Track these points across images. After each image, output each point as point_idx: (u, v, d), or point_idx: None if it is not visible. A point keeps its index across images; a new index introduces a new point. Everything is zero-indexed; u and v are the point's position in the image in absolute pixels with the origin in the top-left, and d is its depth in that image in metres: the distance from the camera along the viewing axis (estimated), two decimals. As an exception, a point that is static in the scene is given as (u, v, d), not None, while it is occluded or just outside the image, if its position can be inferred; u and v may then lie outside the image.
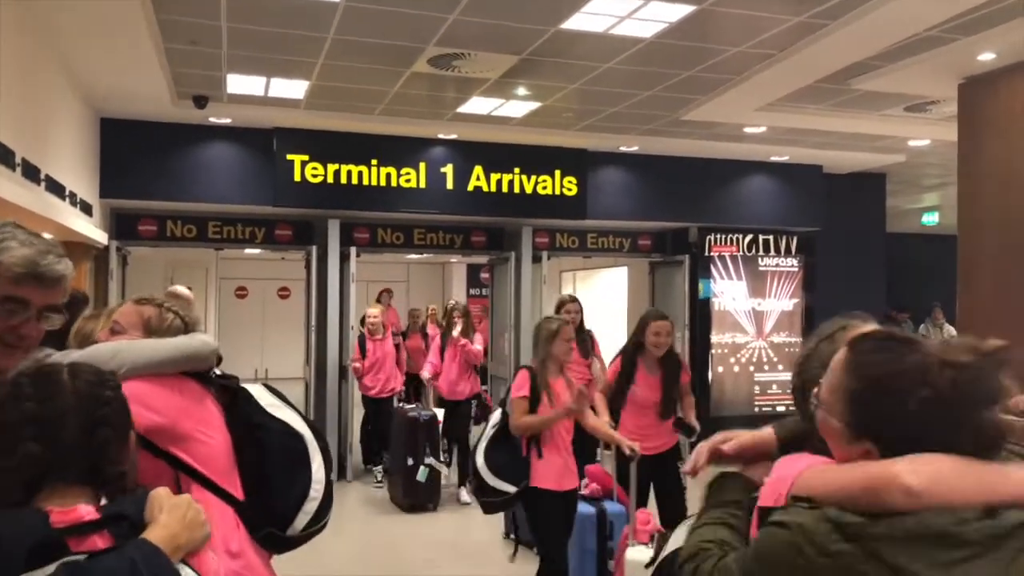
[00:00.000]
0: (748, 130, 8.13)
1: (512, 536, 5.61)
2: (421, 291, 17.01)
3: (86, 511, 1.29)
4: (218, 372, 2.17)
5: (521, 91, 6.84)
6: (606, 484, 5.09)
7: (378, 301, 11.37)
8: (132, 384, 1.94)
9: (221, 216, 8.55)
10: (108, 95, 6.86)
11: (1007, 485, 1.17)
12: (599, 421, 4.57)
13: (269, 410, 2.15)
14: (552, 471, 4.10)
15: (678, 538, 1.66)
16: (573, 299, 6.49)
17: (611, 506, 5.03)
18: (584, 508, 4.63)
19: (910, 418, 1.20)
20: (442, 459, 7.24)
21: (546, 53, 5.81)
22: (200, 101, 6.95)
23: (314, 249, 8.64)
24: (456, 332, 7.42)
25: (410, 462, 7.01)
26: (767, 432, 1.59)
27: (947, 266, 6.55)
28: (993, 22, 5.10)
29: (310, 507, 2.13)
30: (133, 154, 7.64)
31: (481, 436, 4.27)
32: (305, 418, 2.22)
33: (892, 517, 1.14)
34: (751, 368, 9.56)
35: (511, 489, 4.06)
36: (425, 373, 7.78)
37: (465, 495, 7.13)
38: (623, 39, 5.49)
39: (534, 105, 7.26)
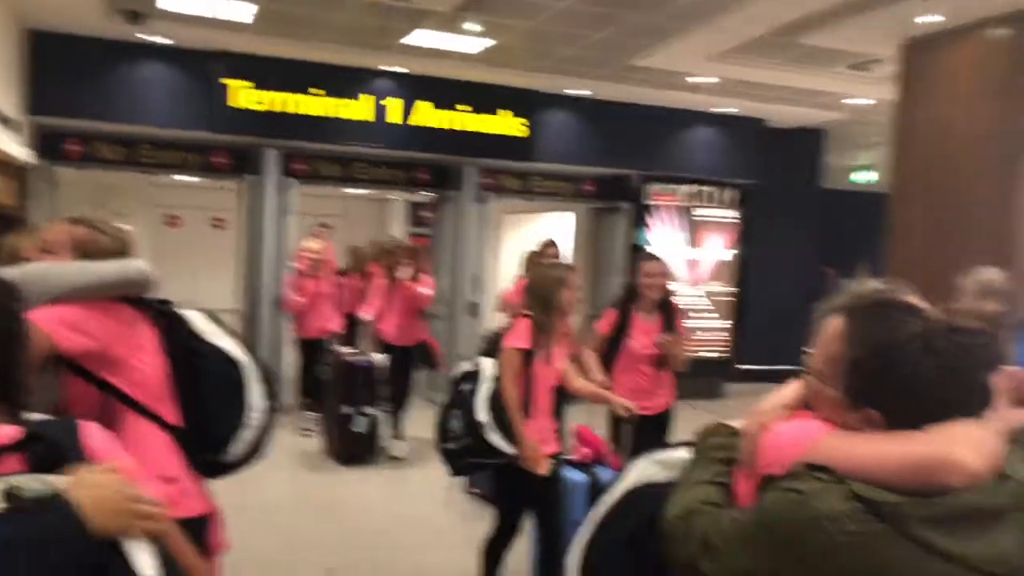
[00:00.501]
0: (698, 80, 8.16)
1: (473, 490, 5.51)
2: (359, 228, 16.72)
3: (4, 432, 1.15)
4: (153, 297, 2.13)
5: (472, 26, 6.71)
6: (598, 448, 4.39)
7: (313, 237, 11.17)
8: (63, 308, 1.88)
9: (153, 140, 8.21)
10: (38, 5, 6.48)
11: (998, 423, 1.22)
12: (587, 383, 4.04)
13: (206, 336, 2.12)
14: (536, 434, 3.65)
15: (635, 475, 1.63)
16: (552, 243, 6.06)
17: (604, 473, 4.48)
18: (575, 475, 4.04)
19: (915, 385, 1.20)
20: (383, 407, 6.73)
21: (500, -12, 5.70)
22: (134, 17, 6.62)
23: (251, 179, 8.41)
24: (403, 275, 6.80)
25: (346, 411, 6.52)
26: (792, 390, 1.44)
27: (878, 224, 6.74)
28: (940, -16, 5.19)
29: (248, 434, 2.12)
30: (62, 69, 7.27)
31: (472, 389, 3.67)
32: (244, 345, 2.20)
33: (925, 498, 1.13)
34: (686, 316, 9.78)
35: (511, 450, 3.55)
36: (366, 315, 7.09)
37: (398, 449, 6.74)
38: (579, -22, 5.42)
39: (485, 42, 7.13)
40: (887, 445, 1.20)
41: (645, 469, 1.64)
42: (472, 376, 3.72)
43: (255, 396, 2.13)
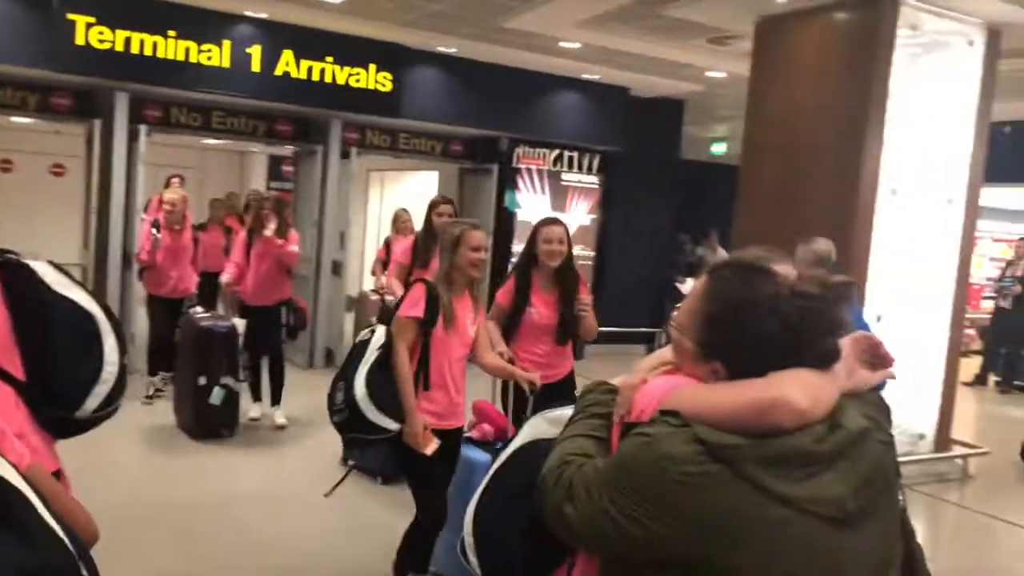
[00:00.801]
0: (564, 45, 8.27)
1: (350, 463, 5.09)
2: (216, 180, 16.01)
3: None
4: None
5: (339, -25, 6.52)
6: (498, 424, 4.04)
7: (166, 188, 10.57)
8: None
9: (-14, 76, 7.55)
10: None
11: (841, 380, 1.31)
12: (495, 357, 3.76)
13: (56, 288, 2.00)
14: (435, 407, 3.46)
15: (527, 431, 1.67)
16: (447, 200, 5.69)
17: None
18: (475, 454, 3.79)
19: (760, 342, 1.27)
20: (242, 377, 6.26)
21: (369, -63, 5.56)
22: (-38, -63, 6.02)
23: (98, 124, 7.86)
24: (269, 231, 6.23)
25: (202, 381, 5.96)
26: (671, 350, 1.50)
27: (729, 194, 7.12)
28: (792, -34, 5.49)
29: (101, 389, 2.03)
30: None
31: (358, 359, 3.46)
32: (97, 298, 2.09)
33: (760, 440, 1.20)
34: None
35: (394, 426, 3.35)
36: (225, 276, 6.47)
37: (280, 418, 6.42)
38: (450, -67, 5.37)
39: (352, -8, 6.95)
40: (730, 390, 1.27)
41: (537, 426, 1.67)
42: (365, 345, 3.49)
43: (109, 350, 2.03)
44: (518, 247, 9.77)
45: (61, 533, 1.08)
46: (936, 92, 6.10)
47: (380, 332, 3.50)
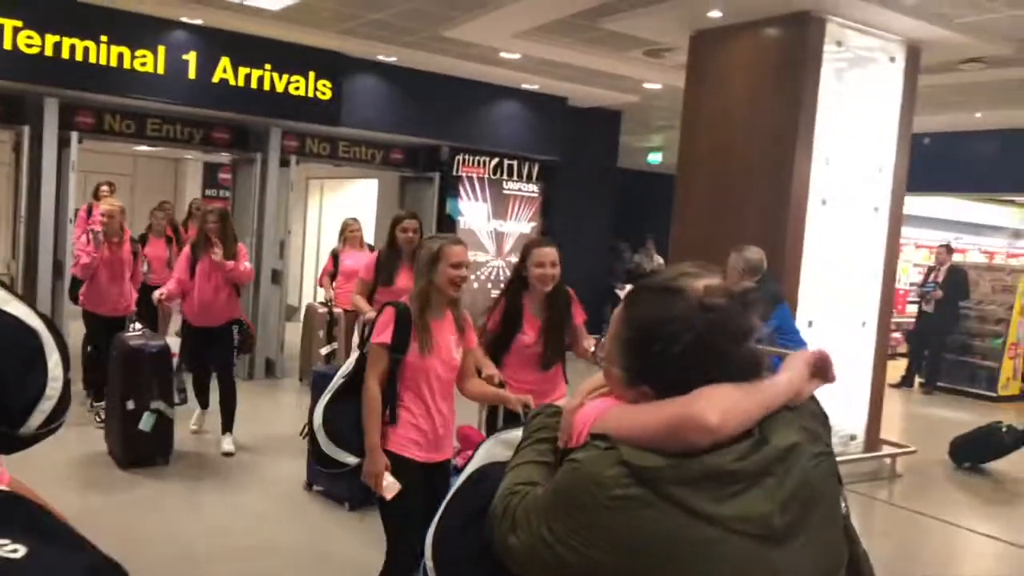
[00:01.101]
0: (503, 55, 8.36)
1: (314, 488, 5.18)
2: (150, 188, 15.66)
3: None
4: None
5: (278, -18, 6.48)
6: None
7: (95, 197, 10.22)
8: None
9: (-95, 79, 7.28)
10: None
11: (777, 391, 1.29)
12: (481, 384, 3.53)
13: None
14: (417, 438, 3.18)
15: (482, 454, 1.65)
16: (412, 215, 5.47)
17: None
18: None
19: (678, 359, 1.27)
20: (177, 399, 5.77)
21: (309, -54, 5.55)
22: None
23: (26, 130, 7.64)
24: (217, 255, 5.76)
25: (130, 406, 5.48)
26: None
27: (665, 203, 7.28)
28: (724, -17, 5.67)
29: (46, 406, 1.99)
30: None
31: (326, 388, 3.30)
32: (39, 313, 2.07)
33: (682, 460, 1.19)
34: (489, 286, 10.06)
35: (351, 461, 3.16)
36: (161, 291, 5.90)
37: (228, 444, 5.96)
38: (391, -56, 5.40)
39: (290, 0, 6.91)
40: (650, 409, 1.27)
41: (491, 449, 1.66)
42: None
43: (53, 366, 2.00)
44: (459, 255, 9.81)
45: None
46: (861, 105, 6.36)
47: (350, 360, 3.31)
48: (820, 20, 6.04)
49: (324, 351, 7.91)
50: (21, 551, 0.96)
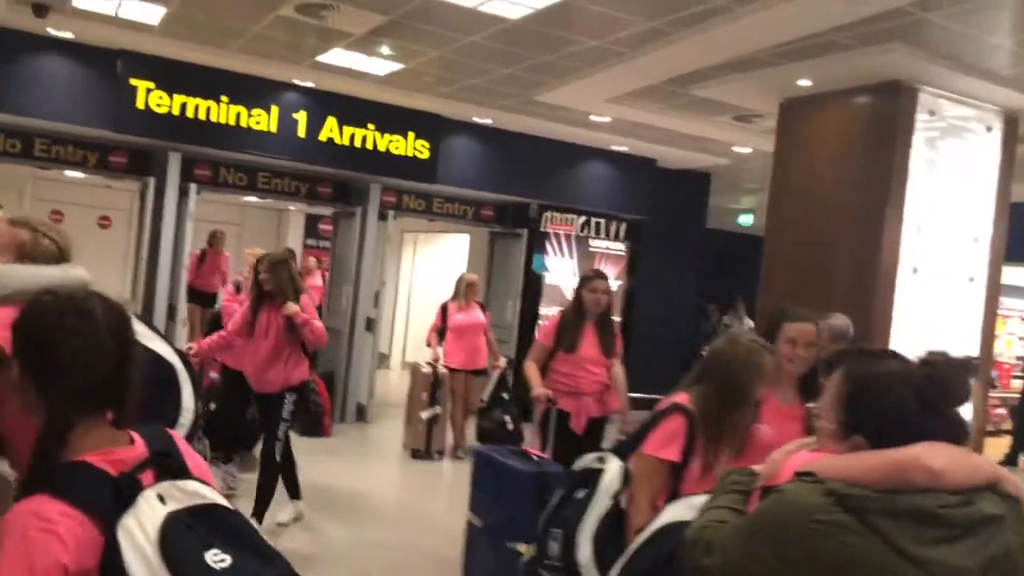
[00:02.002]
0: (594, 118, 8.62)
1: None
2: (255, 237, 16.50)
3: (135, 451, 1.29)
4: None
5: (384, 50, 6.92)
6: None
7: (211, 244, 10.93)
8: (6, 310, 1.96)
9: (50, 134, 8.02)
10: (-68, -12, 6.29)
11: (985, 466, 1.39)
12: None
13: (141, 339, 2.22)
14: None
15: (668, 514, 1.82)
16: (600, 274, 4.97)
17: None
18: (520, 464, 3.64)
19: (895, 411, 1.39)
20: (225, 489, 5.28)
21: (414, 18, 5.94)
22: (40, 10, 6.50)
23: (152, 181, 8.31)
24: (290, 310, 4.90)
25: None
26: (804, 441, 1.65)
27: (755, 264, 7.31)
28: (811, 54, 5.79)
29: (180, 432, 2.26)
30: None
31: (584, 503, 2.65)
32: (176, 348, 2.33)
33: (889, 494, 1.29)
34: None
35: None
36: (194, 346, 5.20)
37: (284, 514, 5.16)
38: (491, 17, 5.73)
39: (395, 66, 7.35)
40: (870, 455, 1.38)
41: (677, 509, 1.83)
42: (593, 478, 2.68)
43: (187, 396, 2.25)
44: (545, 309, 10.00)
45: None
46: (956, 174, 6.29)
47: (613, 471, 2.67)
48: (912, 90, 6.05)
49: (425, 415, 7.51)
50: (227, 560, 1.15)
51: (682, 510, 1.83)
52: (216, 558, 1.17)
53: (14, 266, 2.05)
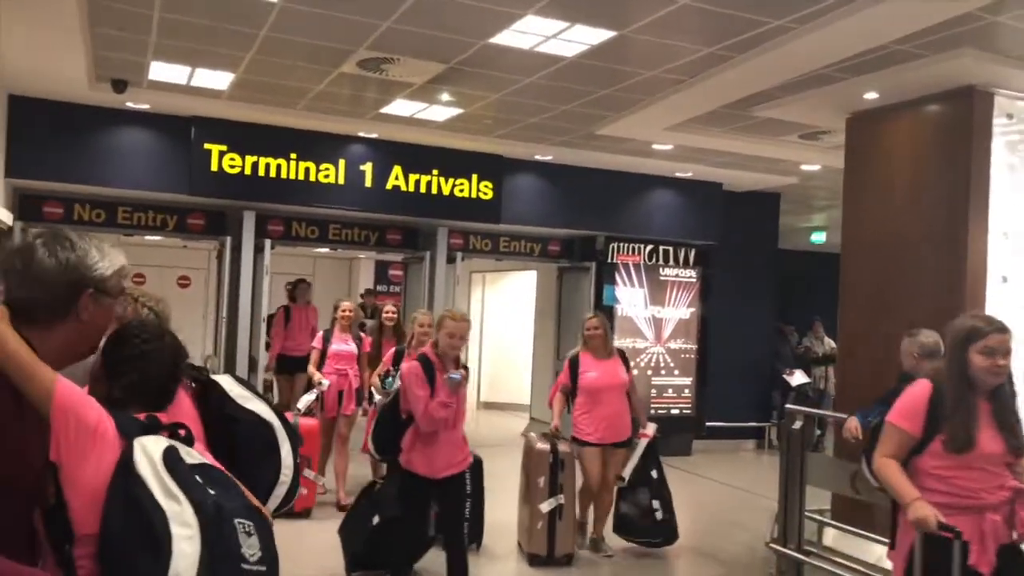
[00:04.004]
0: (656, 147, 8.58)
1: None
2: (327, 286, 16.89)
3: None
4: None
5: (444, 97, 7.05)
6: None
7: (292, 299, 10.55)
8: None
9: (132, 202, 8.41)
10: (20, 72, 6.68)
11: None
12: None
13: (239, 401, 2.28)
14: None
15: None
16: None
17: None
18: None
19: None
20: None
21: (472, 64, 6.05)
22: (119, 85, 6.86)
23: (228, 240, 8.60)
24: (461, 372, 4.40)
25: None
26: None
27: (831, 282, 7.12)
28: (877, 66, 5.66)
29: (280, 490, 2.28)
30: (43, 134, 7.45)
31: None
32: (273, 407, 2.38)
33: None
34: (649, 372, 10.04)
35: None
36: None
37: None
38: (546, 56, 5.79)
39: (456, 111, 7.48)
40: None
41: None
42: None
43: (285, 455, 2.29)
44: (618, 341, 9.87)
45: None
46: (1041, 176, 6.04)
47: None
48: (987, 94, 5.85)
49: (545, 508, 5.54)
50: (209, 488, 1.65)
51: None
52: (200, 480, 1.66)
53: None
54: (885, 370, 5.68)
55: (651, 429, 5.93)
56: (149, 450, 1.65)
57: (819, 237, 13.36)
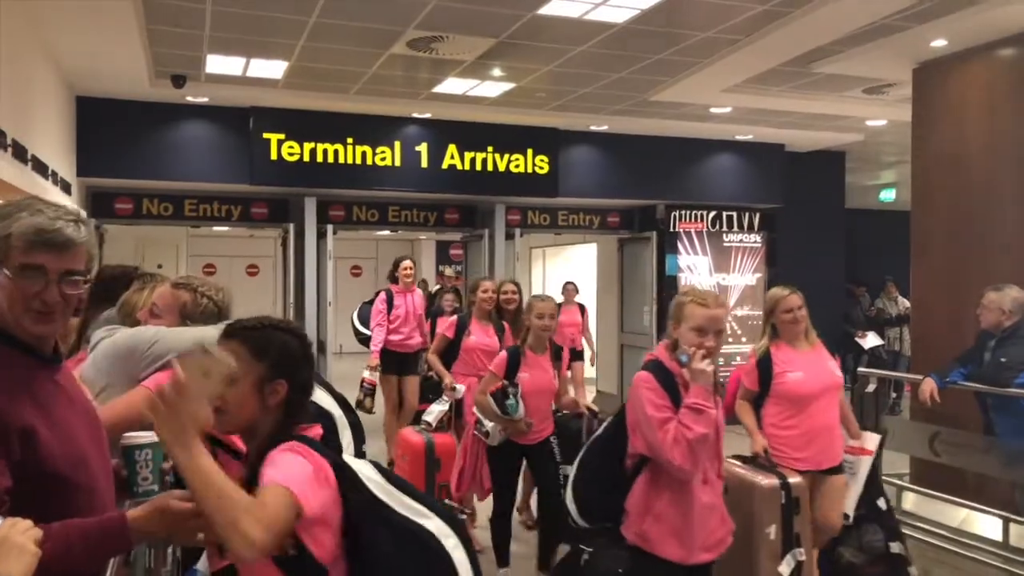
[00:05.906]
0: (714, 110, 8.39)
1: None
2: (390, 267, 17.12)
3: (315, 430, 1.85)
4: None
5: (496, 72, 7.01)
6: None
7: (393, 279, 7.54)
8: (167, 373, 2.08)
9: (197, 194, 8.63)
10: (85, 74, 6.89)
11: None
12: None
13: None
14: None
15: None
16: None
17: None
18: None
19: None
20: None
21: (522, 36, 5.99)
22: (179, 80, 7.01)
23: (291, 227, 8.76)
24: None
25: None
26: None
27: (902, 241, 6.88)
28: (944, 11, 5.40)
29: None
30: (109, 133, 7.68)
31: None
32: (336, 395, 2.38)
33: None
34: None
35: None
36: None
37: None
38: (597, 24, 5.69)
39: (508, 86, 7.43)
40: None
41: None
42: None
43: (345, 445, 2.32)
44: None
45: None
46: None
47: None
48: (1064, 33, 5.55)
49: (785, 570, 3.90)
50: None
51: None
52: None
53: (163, 330, 2.19)
54: (961, 330, 5.49)
55: (872, 442, 4.25)
56: (364, 472, 1.77)
57: (888, 195, 12.93)
